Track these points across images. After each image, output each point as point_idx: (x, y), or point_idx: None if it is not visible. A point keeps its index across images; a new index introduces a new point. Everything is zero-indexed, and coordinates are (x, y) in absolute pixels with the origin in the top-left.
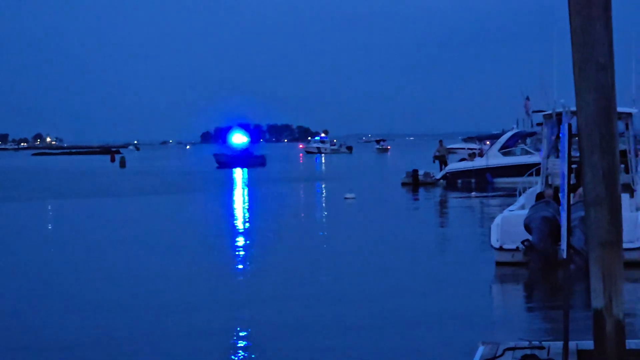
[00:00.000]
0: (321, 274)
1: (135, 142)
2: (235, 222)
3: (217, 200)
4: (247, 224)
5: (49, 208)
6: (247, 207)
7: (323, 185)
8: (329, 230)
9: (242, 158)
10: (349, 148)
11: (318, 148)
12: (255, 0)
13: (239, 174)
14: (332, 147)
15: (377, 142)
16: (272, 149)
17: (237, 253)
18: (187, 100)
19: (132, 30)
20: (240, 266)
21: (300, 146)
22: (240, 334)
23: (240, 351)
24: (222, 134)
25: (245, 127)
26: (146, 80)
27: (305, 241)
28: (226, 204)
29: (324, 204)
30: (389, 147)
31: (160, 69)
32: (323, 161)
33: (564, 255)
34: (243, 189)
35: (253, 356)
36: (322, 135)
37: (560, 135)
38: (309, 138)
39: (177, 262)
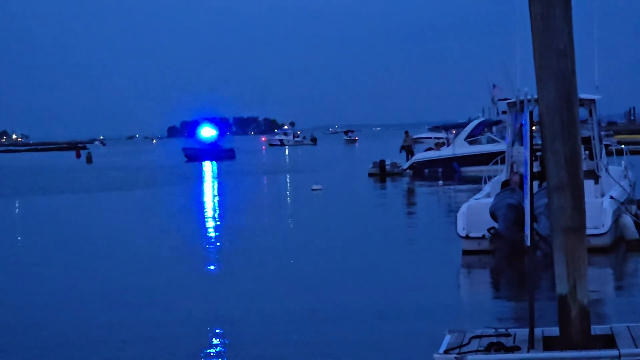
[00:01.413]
0: (290, 265)
1: (101, 137)
2: (206, 215)
3: (187, 194)
4: (218, 217)
5: (15, 205)
6: (217, 200)
7: (291, 178)
8: (296, 222)
9: (211, 151)
10: (314, 140)
11: (281, 140)
12: None
13: (208, 167)
14: (296, 139)
15: (346, 133)
16: (238, 141)
17: (208, 247)
18: (152, 94)
19: (96, 25)
20: (212, 259)
21: (263, 139)
22: (215, 327)
23: (215, 344)
24: (188, 128)
25: (212, 120)
26: (111, 76)
27: (272, 234)
28: (197, 198)
29: (291, 196)
30: (356, 138)
31: (125, 63)
32: (287, 153)
33: (528, 242)
34: (213, 182)
35: (226, 350)
36: (285, 127)
37: (522, 123)
38: (276, 130)
39: (146, 261)
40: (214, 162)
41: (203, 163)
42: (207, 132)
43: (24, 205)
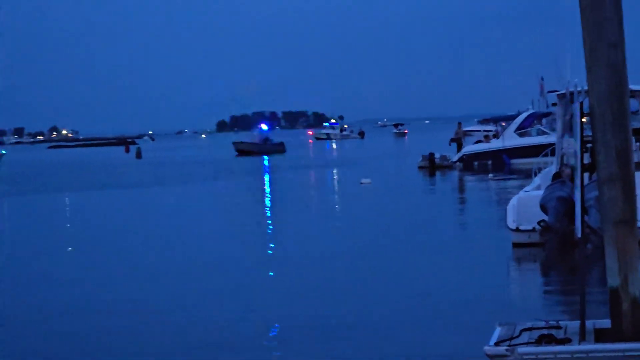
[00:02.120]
0: (341, 257)
1: (150, 132)
2: (259, 209)
3: (240, 188)
4: (271, 211)
5: (66, 201)
6: (269, 194)
7: (340, 171)
8: (347, 215)
9: (262, 145)
10: (361, 133)
11: (327, 134)
12: None
13: (258, 162)
14: (343, 132)
15: (395, 126)
16: (286, 136)
17: (263, 239)
18: (201, 89)
19: (146, 21)
20: (265, 252)
21: (310, 132)
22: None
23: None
24: (238, 122)
25: (261, 115)
26: (160, 71)
27: (325, 226)
28: (249, 192)
29: (341, 190)
30: (406, 131)
31: (174, 58)
32: (334, 147)
33: (579, 234)
34: (264, 176)
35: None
36: (333, 121)
37: (573, 114)
38: (323, 124)
39: (198, 253)
40: (265, 156)
41: (253, 157)
42: (259, 126)
43: (81, 200)
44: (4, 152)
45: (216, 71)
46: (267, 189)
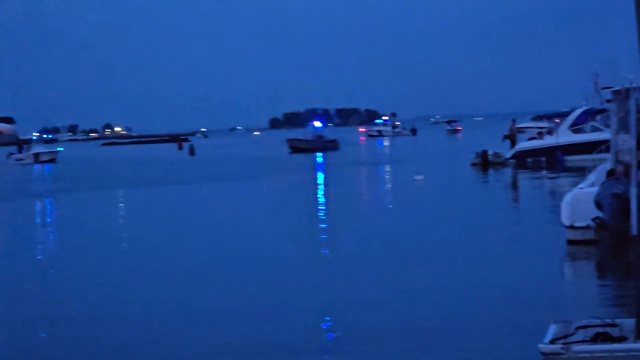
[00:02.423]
0: (394, 252)
1: (203, 129)
2: (312, 206)
3: (293, 185)
4: (325, 208)
5: (122, 198)
6: (322, 190)
7: (393, 168)
8: (400, 212)
9: (315, 143)
10: (413, 130)
11: (379, 131)
12: None
13: (312, 159)
14: (395, 129)
15: (448, 123)
16: (339, 133)
17: (317, 237)
18: (254, 86)
19: (196, 19)
20: (319, 252)
21: (362, 129)
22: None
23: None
24: (291, 119)
25: (313, 112)
26: (212, 68)
27: (380, 222)
28: (304, 188)
29: (394, 186)
30: (459, 128)
31: (225, 55)
32: (386, 144)
33: (634, 232)
34: (318, 173)
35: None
36: (385, 118)
37: (628, 111)
38: (375, 121)
39: (253, 251)
40: (318, 153)
41: (307, 155)
42: (314, 123)
43: (136, 196)
44: (60, 149)
45: (269, 68)
46: (321, 186)
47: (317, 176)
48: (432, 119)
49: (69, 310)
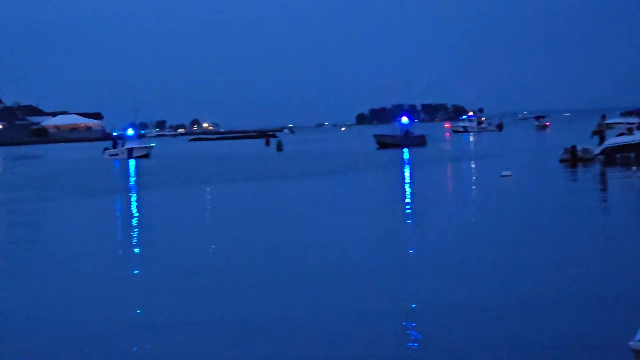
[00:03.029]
0: (489, 249)
1: (290, 125)
2: (398, 203)
3: (381, 181)
4: (411, 204)
5: (212, 193)
6: (410, 186)
7: (479, 164)
8: (489, 208)
9: (403, 138)
10: (499, 126)
11: (464, 127)
12: None
13: (399, 155)
14: (481, 125)
15: (537, 118)
16: (425, 129)
17: (404, 236)
18: (341, 82)
19: (281, 13)
20: (406, 253)
21: (447, 125)
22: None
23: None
24: (377, 115)
25: (400, 108)
26: (299, 65)
27: (467, 219)
28: (390, 184)
29: (482, 182)
30: (547, 124)
31: (313, 51)
32: (471, 140)
33: None
34: (406, 168)
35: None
36: (470, 113)
37: None
38: (460, 117)
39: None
40: (405, 149)
41: (395, 150)
42: (402, 118)
43: (226, 191)
44: (152, 144)
45: (356, 64)
46: (408, 182)
47: (404, 172)
48: (519, 115)
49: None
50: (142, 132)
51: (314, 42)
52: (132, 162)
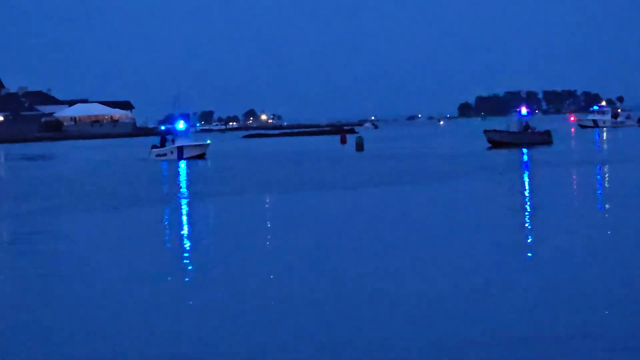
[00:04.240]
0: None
1: (373, 118)
2: (515, 223)
3: (496, 192)
4: (532, 226)
5: (277, 204)
6: (529, 201)
7: (620, 170)
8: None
9: (521, 135)
10: None
11: (594, 121)
12: None
13: (517, 156)
14: (617, 119)
15: None
16: (548, 122)
17: (526, 264)
18: (438, 65)
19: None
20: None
21: (572, 119)
22: None
23: None
24: (485, 105)
25: (516, 95)
26: (382, 43)
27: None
28: (503, 197)
29: (625, 195)
30: None
31: (401, 29)
32: (605, 137)
33: None
34: (523, 175)
35: None
36: (603, 103)
37: None
38: (592, 108)
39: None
40: (525, 149)
41: (510, 150)
42: (521, 110)
43: (294, 202)
44: (208, 141)
45: (454, 42)
46: (528, 194)
47: (524, 180)
48: None
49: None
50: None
51: (401, 16)
52: (183, 164)
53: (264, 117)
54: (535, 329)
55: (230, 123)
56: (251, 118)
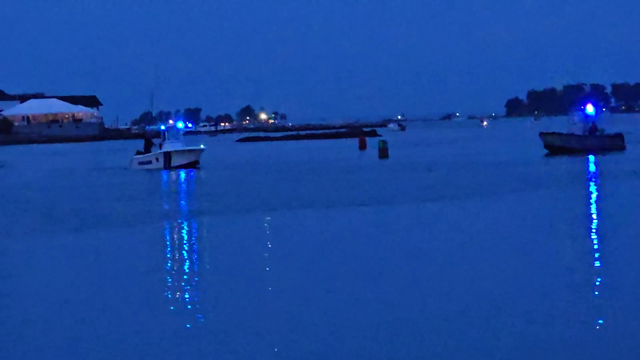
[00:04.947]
0: None
1: (399, 117)
2: (585, 249)
3: (546, 210)
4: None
5: (274, 225)
6: (595, 220)
7: None
8: None
9: (587, 139)
10: None
11: None
12: None
13: (582, 165)
14: None
15: None
16: (620, 123)
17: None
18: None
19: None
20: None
21: None
22: None
23: None
24: (540, 101)
25: (579, 89)
26: (410, 30)
27: None
28: (562, 216)
29: None
30: None
31: (431, 12)
32: None
33: None
34: (589, 189)
35: None
36: None
37: None
38: None
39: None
40: (591, 156)
41: (574, 157)
42: (587, 108)
43: (308, 222)
44: (202, 146)
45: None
46: (596, 212)
47: (591, 195)
48: None
49: None
50: (191, 126)
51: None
52: (170, 177)
53: (263, 116)
54: None
55: (222, 123)
56: (248, 117)
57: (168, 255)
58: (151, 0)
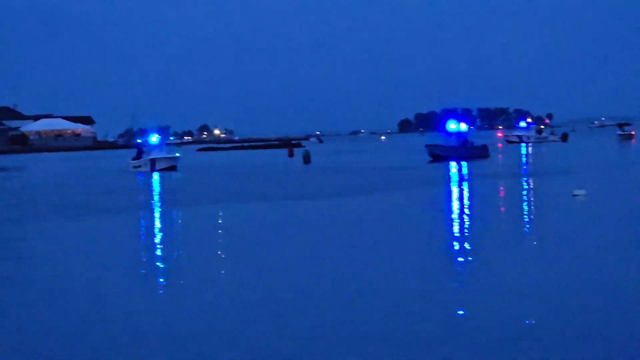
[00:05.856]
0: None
1: (318, 132)
2: (455, 230)
3: (432, 202)
4: (471, 233)
5: (237, 214)
6: (470, 209)
7: (548, 181)
8: (562, 234)
9: (461, 149)
10: (564, 136)
11: (519, 136)
12: None
13: (457, 169)
14: (540, 135)
15: (620, 126)
16: (480, 138)
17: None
18: (379, 83)
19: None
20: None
21: (499, 134)
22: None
23: None
24: (424, 121)
25: (452, 113)
26: (327, 61)
27: (537, 247)
28: (444, 206)
29: (553, 202)
30: (633, 133)
31: (344, 47)
32: (529, 152)
33: None
34: (465, 185)
35: None
36: (529, 120)
37: None
38: (519, 124)
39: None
40: (464, 162)
41: (450, 163)
42: (455, 126)
43: (251, 213)
44: (178, 154)
45: (397, 60)
46: (467, 203)
47: (463, 190)
48: (595, 122)
49: None
50: (168, 140)
51: (347, 35)
52: (155, 176)
53: (216, 131)
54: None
55: (185, 137)
56: (205, 133)
57: (142, 238)
58: (133, 36)
